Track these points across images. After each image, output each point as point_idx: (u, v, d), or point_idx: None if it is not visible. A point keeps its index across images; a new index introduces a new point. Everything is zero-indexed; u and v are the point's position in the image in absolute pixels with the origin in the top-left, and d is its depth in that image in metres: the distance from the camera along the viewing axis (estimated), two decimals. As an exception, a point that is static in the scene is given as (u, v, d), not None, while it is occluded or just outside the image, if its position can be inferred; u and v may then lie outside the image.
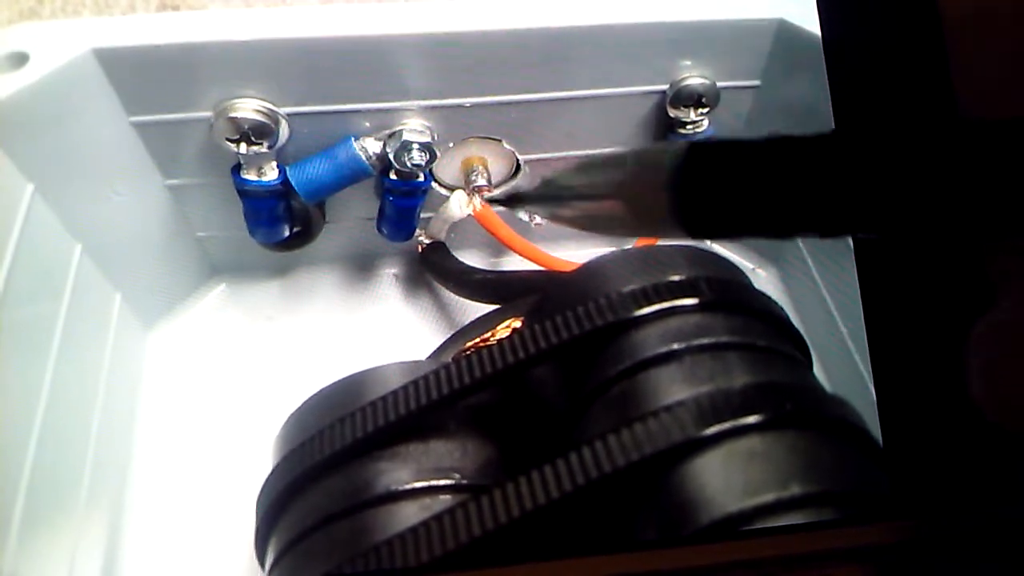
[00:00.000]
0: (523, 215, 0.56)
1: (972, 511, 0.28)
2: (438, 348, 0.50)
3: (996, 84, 0.27)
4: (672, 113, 0.51)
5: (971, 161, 0.15)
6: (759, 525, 0.27)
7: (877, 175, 0.16)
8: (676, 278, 0.35)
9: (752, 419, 0.29)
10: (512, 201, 0.27)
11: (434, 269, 0.56)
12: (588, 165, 0.24)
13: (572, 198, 0.23)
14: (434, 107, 0.48)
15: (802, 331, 0.37)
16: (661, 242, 0.55)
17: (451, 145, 0.51)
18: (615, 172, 0.21)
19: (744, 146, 0.18)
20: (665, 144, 0.20)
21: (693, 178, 0.18)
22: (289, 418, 0.39)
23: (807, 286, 0.56)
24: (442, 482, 0.34)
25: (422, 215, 0.54)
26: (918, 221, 0.16)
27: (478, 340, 0.47)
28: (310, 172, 0.48)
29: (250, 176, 0.48)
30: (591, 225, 0.24)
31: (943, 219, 0.15)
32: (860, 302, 0.35)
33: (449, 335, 0.51)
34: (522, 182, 0.55)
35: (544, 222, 0.56)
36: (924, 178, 0.15)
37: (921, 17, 0.30)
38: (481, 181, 0.53)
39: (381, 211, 0.53)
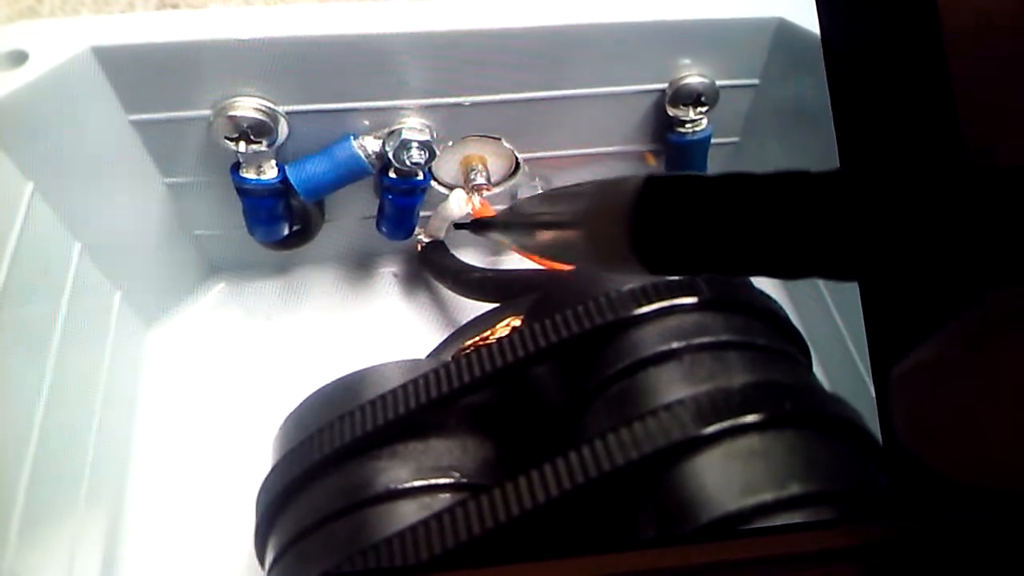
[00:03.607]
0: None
1: (969, 510, 0.28)
2: (437, 347, 0.50)
3: (996, 86, 0.27)
4: (671, 112, 0.51)
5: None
6: (758, 524, 0.27)
7: (836, 220, 0.15)
8: (675, 276, 0.35)
9: (751, 418, 0.29)
10: (479, 227, 0.26)
11: (433, 268, 0.56)
12: (553, 194, 0.24)
13: (535, 227, 0.23)
14: (433, 105, 0.48)
15: (802, 330, 0.37)
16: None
17: (450, 143, 0.51)
18: (577, 202, 0.21)
19: (702, 181, 0.17)
20: (626, 176, 0.20)
21: (649, 212, 0.18)
22: (288, 416, 0.39)
23: (807, 285, 0.56)
24: (442, 481, 0.34)
25: (421, 214, 0.54)
26: (890, 265, 0.15)
27: (477, 339, 0.47)
28: (309, 171, 0.48)
29: (249, 175, 0.48)
30: (552, 255, 0.24)
31: (918, 265, 0.15)
32: (860, 301, 0.35)
33: (448, 334, 0.51)
34: (521, 180, 0.55)
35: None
36: (901, 225, 0.15)
37: (920, 16, 0.30)
38: (480, 179, 0.53)
39: (380, 210, 0.53)
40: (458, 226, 0.45)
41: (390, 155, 0.48)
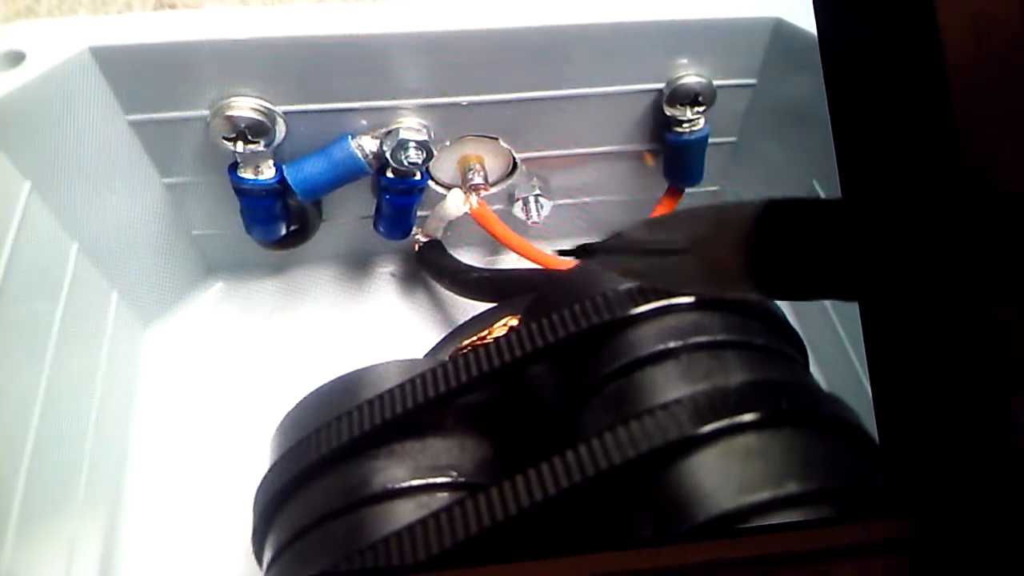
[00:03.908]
0: (519, 214, 0.56)
1: (966, 508, 0.29)
2: (435, 346, 0.50)
3: (995, 87, 0.27)
4: (668, 111, 0.51)
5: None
6: (755, 523, 0.27)
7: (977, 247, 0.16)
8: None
9: (748, 417, 0.30)
10: (584, 253, 0.27)
11: (430, 267, 0.56)
12: (662, 221, 0.24)
13: (644, 253, 0.23)
14: (431, 105, 0.48)
15: (799, 330, 0.37)
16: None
17: (447, 143, 0.51)
18: (689, 229, 0.21)
19: (821, 206, 0.18)
20: (742, 202, 0.20)
21: (770, 238, 0.18)
22: (286, 416, 0.39)
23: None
24: (439, 480, 0.34)
25: (419, 213, 0.54)
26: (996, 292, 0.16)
27: (475, 338, 0.47)
28: (307, 170, 0.48)
29: (247, 175, 0.48)
30: (662, 280, 0.24)
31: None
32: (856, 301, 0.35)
33: (446, 333, 0.52)
34: (519, 180, 0.55)
35: (540, 221, 0.56)
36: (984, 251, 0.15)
37: (917, 16, 0.30)
38: (478, 179, 0.53)
39: (378, 209, 0.53)
40: (562, 252, 0.45)
41: (387, 155, 0.48)
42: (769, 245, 0.18)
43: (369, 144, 0.49)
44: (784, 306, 0.39)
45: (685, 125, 0.52)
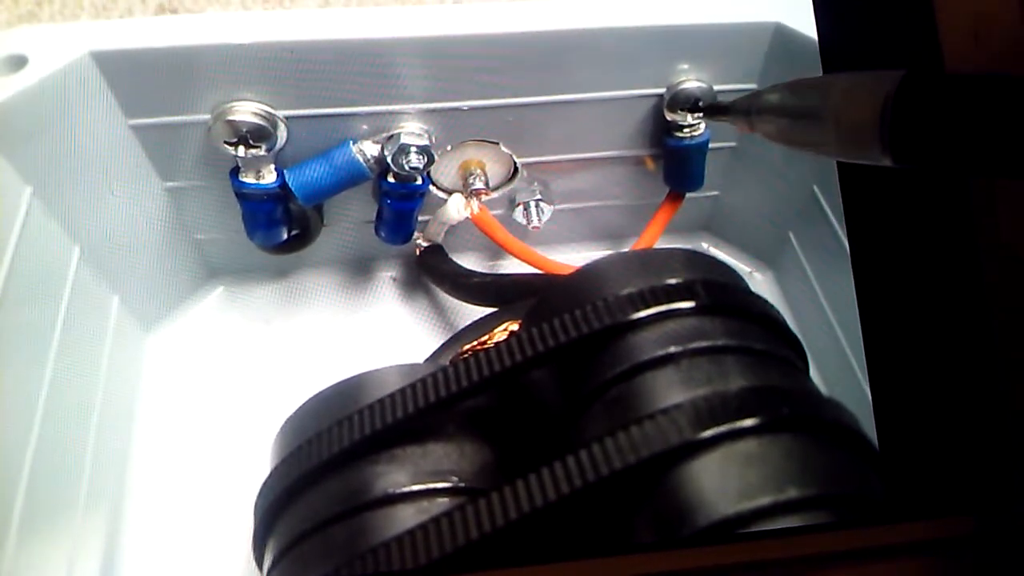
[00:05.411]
0: (520, 219, 0.56)
1: (967, 511, 0.29)
2: (436, 351, 0.50)
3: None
4: (669, 116, 0.51)
5: None
6: (756, 528, 0.27)
7: None
8: (673, 281, 0.35)
9: (748, 422, 0.30)
10: (714, 112, 0.27)
11: (431, 272, 0.56)
12: (799, 84, 0.25)
13: (778, 114, 0.24)
14: (432, 110, 0.49)
15: (799, 335, 0.37)
16: (659, 245, 0.55)
17: (449, 148, 0.51)
18: (826, 94, 0.22)
19: (963, 80, 0.18)
20: (880, 71, 0.21)
21: (908, 104, 0.19)
22: (287, 421, 0.39)
23: (804, 290, 0.56)
24: (440, 485, 0.34)
25: (420, 218, 0.54)
26: None
27: (475, 343, 0.47)
28: (308, 175, 0.48)
29: (248, 179, 0.48)
30: (792, 141, 0.25)
31: None
32: (856, 306, 0.35)
33: (447, 338, 0.52)
34: (519, 185, 0.55)
35: (541, 225, 0.56)
36: None
37: (917, 21, 0.30)
38: (479, 184, 0.53)
39: (379, 214, 0.53)
40: (697, 109, 0.45)
41: (389, 160, 0.49)
42: (908, 108, 0.19)
43: (370, 149, 0.49)
44: (784, 310, 0.38)
45: (686, 130, 0.52)
